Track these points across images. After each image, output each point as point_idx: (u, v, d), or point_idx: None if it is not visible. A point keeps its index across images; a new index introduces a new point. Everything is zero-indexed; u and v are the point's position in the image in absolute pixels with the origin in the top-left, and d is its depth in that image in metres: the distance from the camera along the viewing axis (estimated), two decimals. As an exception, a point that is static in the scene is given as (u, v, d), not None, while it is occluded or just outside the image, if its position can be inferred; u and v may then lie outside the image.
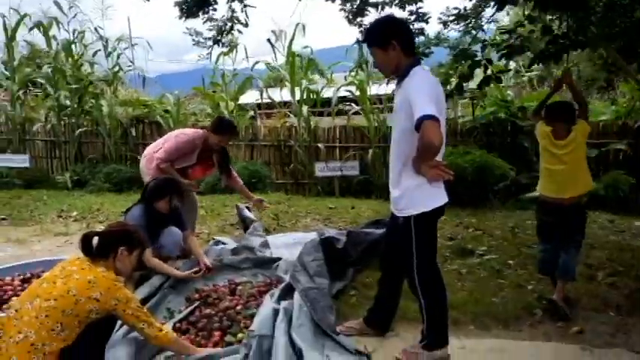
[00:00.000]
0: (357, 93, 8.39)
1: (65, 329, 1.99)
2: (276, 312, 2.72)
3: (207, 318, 2.89)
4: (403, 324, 2.93)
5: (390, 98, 8.43)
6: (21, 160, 8.48)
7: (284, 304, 2.83)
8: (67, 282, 2.03)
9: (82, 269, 2.09)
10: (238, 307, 2.98)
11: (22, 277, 2.97)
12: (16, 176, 8.45)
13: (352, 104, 8.63)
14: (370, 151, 7.94)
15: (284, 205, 6.65)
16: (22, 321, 1.94)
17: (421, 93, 2.12)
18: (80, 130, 8.77)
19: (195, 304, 3.08)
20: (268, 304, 2.81)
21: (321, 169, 7.87)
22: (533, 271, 3.69)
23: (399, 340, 2.77)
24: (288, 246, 4.31)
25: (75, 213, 6.26)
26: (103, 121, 8.73)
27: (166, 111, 9.01)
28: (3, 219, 5.89)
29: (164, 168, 3.85)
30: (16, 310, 1.98)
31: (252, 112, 9.22)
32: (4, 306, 2.64)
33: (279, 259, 3.86)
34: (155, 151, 3.95)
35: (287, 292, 3.11)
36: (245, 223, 5.00)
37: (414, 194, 2.34)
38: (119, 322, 2.33)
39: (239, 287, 3.37)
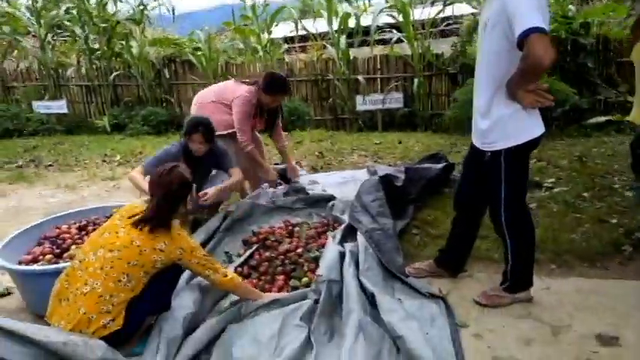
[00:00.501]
0: (400, 18, 7.74)
1: (131, 280, 1.88)
2: (341, 255, 2.56)
3: (269, 261, 2.77)
4: (475, 264, 2.73)
5: (434, 23, 7.76)
6: (59, 106, 8.46)
7: (348, 246, 2.66)
8: (129, 232, 1.90)
9: None
10: (299, 250, 2.84)
11: (77, 225, 2.91)
12: (56, 122, 8.49)
13: (393, 31, 8.01)
14: (415, 80, 7.44)
15: (327, 142, 6.40)
16: (87, 272, 1.84)
17: (524, 1, 1.75)
18: (114, 73, 8.60)
19: (254, 247, 2.96)
20: (332, 246, 2.64)
21: (362, 103, 7.49)
22: (613, 203, 3.37)
23: (474, 282, 2.58)
24: (338, 184, 4.11)
25: (118, 157, 6.24)
26: (135, 63, 8.50)
27: (197, 49, 8.66)
28: (50, 165, 5.93)
29: (251, 151, 3.59)
30: (80, 261, 1.88)
31: (285, 46, 8.74)
32: (65, 255, 2.59)
33: (333, 197, 3.67)
34: (213, 103, 3.64)
35: (348, 234, 2.94)
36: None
37: (508, 125, 2.02)
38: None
39: (296, 228, 3.23)
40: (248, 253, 2.91)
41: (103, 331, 1.83)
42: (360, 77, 7.74)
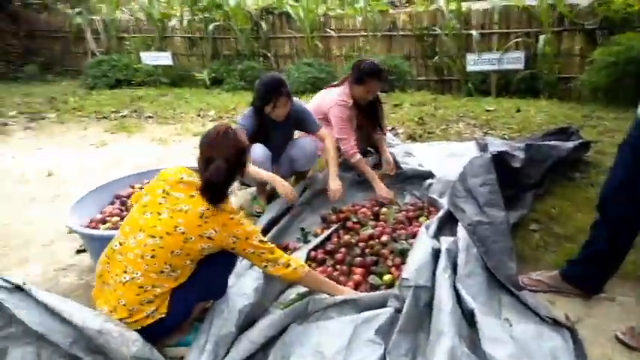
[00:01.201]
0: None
1: (176, 269, 1.60)
2: (435, 253, 2.06)
3: (347, 247, 2.36)
4: (619, 283, 2.06)
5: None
6: (164, 58, 8.67)
7: (445, 242, 2.14)
8: (173, 215, 1.59)
9: (191, 197, 1.62)
10: (384, 237, 2.39)
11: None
12: (162, 74, 8.74)
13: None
14: (541, 38, 6.28)
15: (429, 106, 5.70)
16: (127, 258, 1.59)
17: None
18: (213, 24, 8.55)
19: (332, 228, 2.57)
20: (424, 240, 2.14)
21: (473, 63, 6.54)
22: None
23: (616, 309, 1.94)
24: (439, 159, 3.52)
25: (212, 112, 6.18)
26: (234, 14, 8.34)
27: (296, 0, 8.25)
28: (149, 117, 6.05)
29: (358, 162, 3.00)
30: (120, 244, 1.63)
31: (390, -3, 7.94)
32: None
33: (431, 174, 3.12)
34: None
35: (446, 224, 2.41)
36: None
37: None
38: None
39: (383, 209, 2.76)
40: (325, 234, 2.53)
41: (145, 320, 1.59)
42: (473, 32, 6.76)
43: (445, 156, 3.57)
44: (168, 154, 4.36)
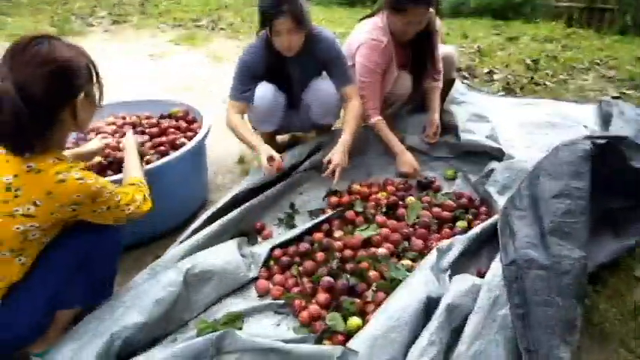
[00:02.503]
0: None
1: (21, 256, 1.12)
2: (428, 308, 1.27)
3: (326, 252, 1.66)
4: None
5: None
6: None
7: (454, 291, 1.31)
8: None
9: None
10: (382, 250, 1.63)
11: (126, 121, 2.25)
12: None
13: None
14: None
15: (556, 44, 4.27)
16: None
17: None
18: None
19: (324, 216, 1.86)
20: (420, 279, 1.34)
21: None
22: None
23: None
24: (529, 129, 2.47)
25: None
26: None
27: None
28: (222, 29, 5.54)
29: (377, 123, 2.23)
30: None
31: None
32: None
33: (500, 153, 2.14)
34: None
35: (478, 250, 1.56)
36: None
37: None
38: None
39: (410, 198, 1.95)
40: (312, 223, 1.83)
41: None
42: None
43: (539, 125, 2.49)
44: (208, 75, 3.84)
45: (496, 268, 1.39)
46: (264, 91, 2.09)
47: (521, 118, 2.58)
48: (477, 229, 1.58)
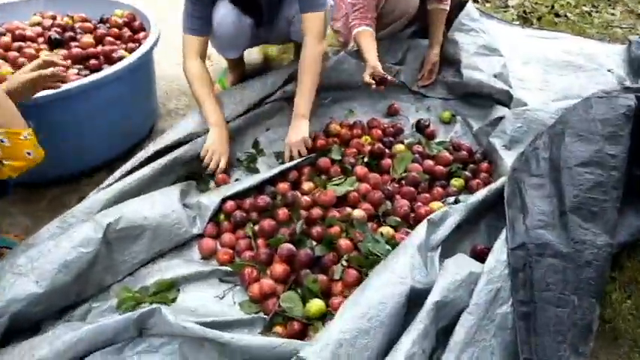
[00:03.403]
0: None
1: None
2: (412, 298, 0.98)
3: (289, 208, 1.34)
4: None
5: None
6: None
7: (443, 284, 1.02)
8: None
9: None
10: (358, 212, 1.31)
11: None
12: None
13: None
14: None
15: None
16: None
17: None
18: None
19: (295, 162, 1.51)
20: (402, 262, 1.03)
21: None
22: None
23: None
24: (544, 68, 2.11)
25: None
26: None
27: None
28: None
29: (361, 34, 1.77)
30: None
31: None
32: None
33: (508, 95, 1.79)
34: None
35: (476, 222, 1.26)
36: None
37: None
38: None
39: (398, 146, 1.61)
40: (281, 168, 1.49)
41: None
42: None
43: (556, 64, 2.12)
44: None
45: (499, 250, 1.09)
46: (224, 13, 1.61)
47: (536, 54, 2.20)
48: (477, 195, 1.26)
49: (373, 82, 1.63)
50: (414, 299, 0.98)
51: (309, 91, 1.55)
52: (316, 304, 1.08)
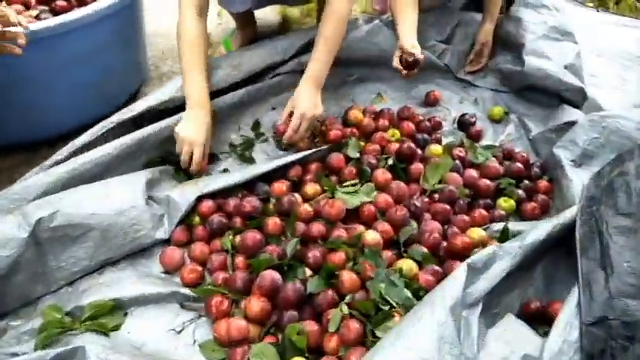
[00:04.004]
0: None
1: None
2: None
3: (284, 218, 1.02)
4: None
5: None
6: None
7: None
8: None
9: None
10: (371, 237, 0.98)
11: None
12: None
13: None
14: None
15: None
16: None
17: None
18: None
19: (299, 155, 1.18)
20: (430, 328, 0.71)
21: None
22: None
23: None
24: (623, 61, 1.71)
25: None
26: None
27: None
28: None
29: None
30: None
31: None
32: None
33: (582, 93, 1.41)
34: None
35: (536, 260, 0.92)
36: None
37: None
38: None
39: (433, 147, 1.26)
40: (275, 164, 1.16)
41: None
42: None
43: (637, 59, 1.71)
44: None
45: (568, 322, 0.76)
46: None
47: (612, 44, 1.80)
48: (538, 232, 0.92)
49: (401, 67, 1.26)
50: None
51: (328, 54, 1.20)
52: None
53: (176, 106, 1.22)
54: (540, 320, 0.88)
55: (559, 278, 0.97)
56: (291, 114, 1.18)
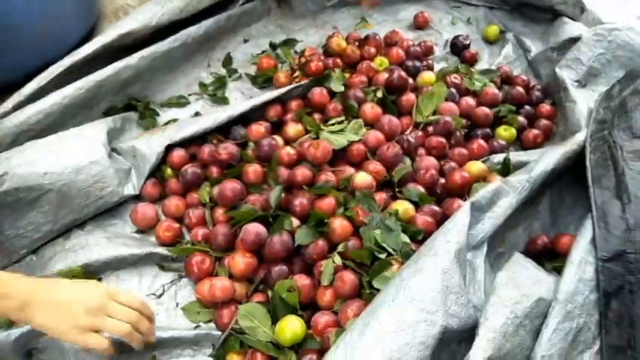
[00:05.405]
0: None
1: None
2: (444, 341, 0.61)
3: (264, 164, 0.93)
4: None
5: None
6: None
7: (504, 317, 0.64)
8: None
9: None
10: (365, 176, 0.89)
11: None
12: None
13: None
14: None
15: None
16: None
17: None
18: None
19: (280, 91, 1.06)
20: (433, 276, 0.64)
21: None
22: None
23: None
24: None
25: None
26: None
27: None
28: None
29: None
30: None
31: None
32: None
33: (580, 8, 1.28)
34: None
35: (541, 192, 0.85)
36: None
37: None
38: None
39: (426, 75, 1.14)
40: (253, 102, 1.04)
41: None
42: None
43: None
44: None
45: (582, 259, 0.70)
46: None
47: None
48: (543, 165, 0.83)
49: None
50: (448, 343, 0.61)
51: None
52: (291, 326, 0.71)
53: (137, 42, 1.07)
54: (548, 256, 0.82)
55: (565, 210, 0.90)
56: None
